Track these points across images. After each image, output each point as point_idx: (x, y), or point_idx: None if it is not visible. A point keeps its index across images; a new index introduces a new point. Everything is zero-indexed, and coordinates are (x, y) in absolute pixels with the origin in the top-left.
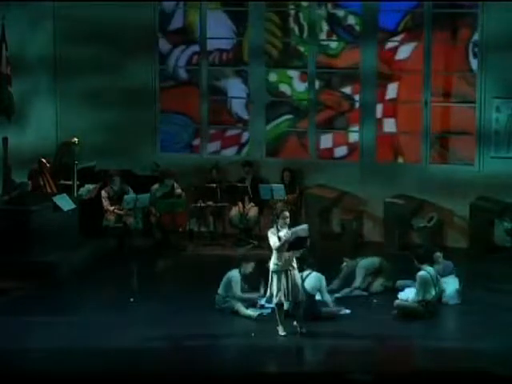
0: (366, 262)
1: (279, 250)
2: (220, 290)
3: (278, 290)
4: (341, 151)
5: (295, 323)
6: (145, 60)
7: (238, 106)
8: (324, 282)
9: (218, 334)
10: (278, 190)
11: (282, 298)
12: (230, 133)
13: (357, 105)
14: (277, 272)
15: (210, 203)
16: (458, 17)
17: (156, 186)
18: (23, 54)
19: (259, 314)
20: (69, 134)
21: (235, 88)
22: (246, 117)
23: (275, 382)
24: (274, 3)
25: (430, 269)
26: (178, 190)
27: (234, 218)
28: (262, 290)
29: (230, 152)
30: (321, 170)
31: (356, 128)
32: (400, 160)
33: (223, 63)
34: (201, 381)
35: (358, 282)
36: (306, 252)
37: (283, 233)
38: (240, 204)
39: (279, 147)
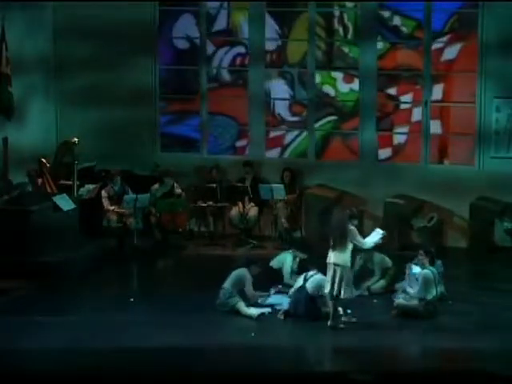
0: (383, 259)
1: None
2: (226, 285)
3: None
4: (385, 153)
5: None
6: (145, 59)
7: (281, 108)
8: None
9: (218, 333)
10: (278, 189)
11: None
12: (273, 134)
13: (401, 106)
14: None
15: (210, 203)
16: None
17: (156, 186)
18: (23, 53)
19: (260, 314)
20: (69, 134)
21: (279, 89)
22: (289, 118)
23: (275, 382)
24: (318, 3)
25: (433, 268)
26: (178, 190)
27: (234, 217)
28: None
29: (273, 153)
30: (321, 170)
31: (400, 129)
32: (446, 162)
33: (267, 64)
34: (201, 381)
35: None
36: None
37: None
38: (240, 204)
39: (323, 149)
